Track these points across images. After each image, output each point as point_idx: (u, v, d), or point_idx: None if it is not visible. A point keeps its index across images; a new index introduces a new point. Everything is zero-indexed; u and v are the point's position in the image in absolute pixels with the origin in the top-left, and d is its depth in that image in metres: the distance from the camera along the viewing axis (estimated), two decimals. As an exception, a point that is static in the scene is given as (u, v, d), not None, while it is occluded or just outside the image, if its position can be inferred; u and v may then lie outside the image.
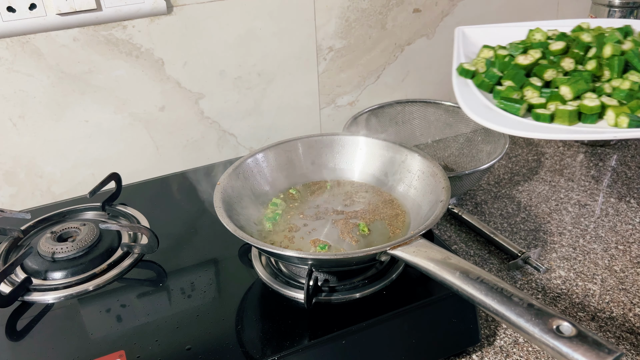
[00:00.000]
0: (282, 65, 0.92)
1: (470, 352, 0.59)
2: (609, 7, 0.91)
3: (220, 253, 0.66)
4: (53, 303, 0.59)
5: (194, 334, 0.53)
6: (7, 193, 0.83)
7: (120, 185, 0.77)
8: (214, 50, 0.86)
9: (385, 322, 0.54)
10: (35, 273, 0.62)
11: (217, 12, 0.83)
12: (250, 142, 0.97)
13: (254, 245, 0.53)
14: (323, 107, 1.00)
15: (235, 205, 0.63)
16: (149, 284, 0.62)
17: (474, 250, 0.76)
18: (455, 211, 0.82)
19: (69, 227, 0.68)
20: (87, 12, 0.74)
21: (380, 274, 0.60)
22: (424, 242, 0.51)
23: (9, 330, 0.56)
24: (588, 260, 0.72)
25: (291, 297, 0.57)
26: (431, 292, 0.57)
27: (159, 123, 0.88)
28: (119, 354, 0.51)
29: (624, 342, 0.60)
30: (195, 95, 0.88)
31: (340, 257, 0.52)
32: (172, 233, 0.70)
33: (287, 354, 0.50)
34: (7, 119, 0.78)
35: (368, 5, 0.93)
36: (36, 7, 0.71)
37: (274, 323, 0.54)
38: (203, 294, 0.59)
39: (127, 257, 0.65)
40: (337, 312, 0.55)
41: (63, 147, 0.83)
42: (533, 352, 0.58)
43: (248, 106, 0.93)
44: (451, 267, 0.45)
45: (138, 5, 0.77)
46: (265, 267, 0.62)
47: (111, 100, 0.83)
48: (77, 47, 0.77)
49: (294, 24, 0.90)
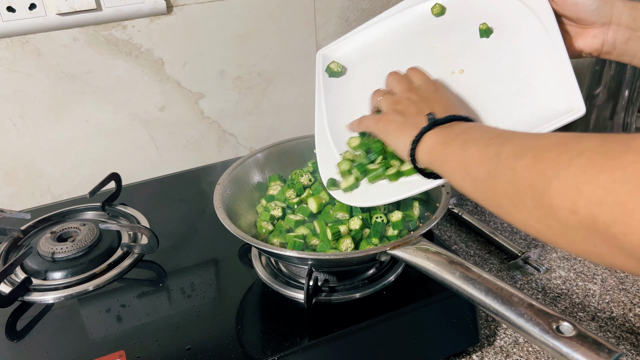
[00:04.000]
0: (282, 65, 0.92)
1: (470, 352, 0.59)
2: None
3: (220, 253, 0.66)
4: (53, 303, 0.59)
5: (194, 334, 0.53)
6: (7, 193, 0.83)
7: (120, 185, 0.77)
8: (214, 50, 0.86)
9: (385, 322, 0.54)
10: (35, 273, 0.62)
11: (217, 12, 0.83)
12: (250, 142, 0.97)
13: (254, 245, 0.53)
14: (323, 107, 1.00)
15: (235, 206, 0.63)
16: (149, 284, 0.62)
17: (474, 250, 0.76)
18: (455, 211, 0.82)
19: (68, 227, 0.68)
20: (87, 12, 0.74)
21: (380, 274, 0.60)
22: (424, 242, 0.51)
23: (9, 330, 0.56)
24: (588, 260, 0.72)
25: (291, 297, 0.57)
26: (431, 292, 0.57)
27: (159, 123, 0.88)
28: (119, 354, 0.51)
29: (624, 342, 0.60)
30: (195, 95, 0.88)
31: (340, 257, 0.52)
32: (172, 233, 0.70)
33: (287, 354, 0.50)
34: (7, 119, 0.78)
35: (368, 5, 0.93)
36: (36, 7, 0.71)
37: (274, 323, 0.54)
38: (203, 294, 0.59)
39: (127, 257, 0.65)
40: (337, 312, 0.55)
41: (63, 147, 0.83)
42: (533, 352, 0.58)
43: (248, 106, 0.93)
44: (451, 267, 0.45)
45: (138, 5, 0.77)
46: (265, 267, 0.62)
47: (111, 100, 0.83)
48: (77, 47, 0.77)
49: (294, 24, 0.90)
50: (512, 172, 0.35)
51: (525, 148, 0.35)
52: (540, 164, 0.33)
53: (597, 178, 0.28)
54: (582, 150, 0.30)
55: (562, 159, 0.31)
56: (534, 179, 0.33)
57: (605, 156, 0.29)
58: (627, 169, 0.27)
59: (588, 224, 0.29)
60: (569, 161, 0.30)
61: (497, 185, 0.37)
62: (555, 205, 0.31)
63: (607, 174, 0.28)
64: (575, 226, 0.30)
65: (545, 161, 0.32)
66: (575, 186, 0.29)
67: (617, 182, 0.27)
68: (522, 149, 0.35)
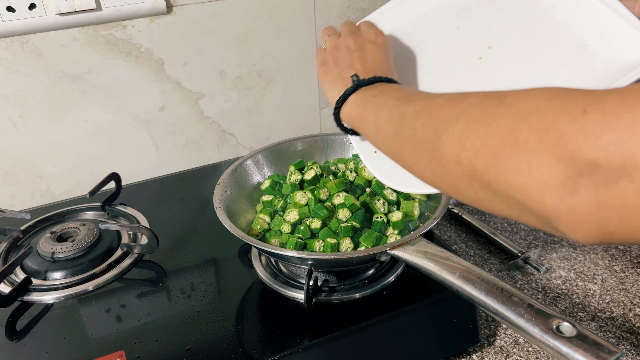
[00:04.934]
0: (282, 65, 0.92)
1: (470, 352, 0.59)
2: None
3: (220, 253, 0.66)
4: (53, 303, 0.59)
5: (194, 334, 0.53)
6: (7, 193, 0.83)
7: (120, 185, 0.77)
8: (214, 50, 0.86)
9: (385, 322, 0.54)
10: (35, 273, 0.62)
11: (217, 12, 0.83)
12: (250, 142, 0.97)
13: (254, 245, 0.53)
14: (323, 107, 1.00)
15: (235, 206, 0.63)
16: (148, 284, 0.62)
17: (474, 250, 0.76)
18: (455, 211, 0.82)
19: (68, 227, 0.68)
20: (86, 12, 0.74)
21: (380, 274, 0.60)
22: (424, 242, 0.51)
23: (9, 330, 0.56)
24: (588, 260, 0.72)
25: (291, 297, 0.57)
26: (431, 292, 0.57)
27: (158, 123, 0.88)
28: (119, 354, 0.51)
29: (624, 342, 0.60)
30: (195, 95, 0.88)
31: (340, 257, 0.52)
32: (172, 233, 0.70)
33: (287, 354, 0.50)
34: (7, 119, 0.78)
35: (368, 5, 0.93)
36: (36, 7, 0.71)
37: (274, 323, 0.54)
38: (203, 294, 0.59)
39: (126, 257, 0.65)
40: (337, 312, 0.55)
41: (63, 147, 0.83)
42: (533, 352, 0.58)
43: (248, 106, 0.93)
44: (451, 267, 0.45)
45: (138, 5, 0.77)
46: (265, 267, 0.61)
47: (111, 100, 0.83)
48: (76, 47, 0.77)
49: (294, 23, 0.90)
50: (411, 130, 0.38)
51: (423, 107, 0.38)
52: (434, 120, 0.36)
53: (477, 131, 0.31)
54: (467, 106, 0.33)
55: (450, 115, 0.34)
56: (427, 136, 0.36)
57: (484, 110, 0.32)
58: (499, 121, 0.30)
59: (469, 173, 0.32)
60: (457, 117, 0.33)
61: (400, 142, 0.40)
62: (444, 159, 0.34)
63: (484, 128, 0.31)
64: (460, 176, 0.33)
65: (437, 118, 0.35)
66: (460, 140, 0.32)
67: (491, 135, 0.30)
68: (420, 107, 0.38)
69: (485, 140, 0.30)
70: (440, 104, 0.36)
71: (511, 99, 0.30)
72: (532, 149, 0.27)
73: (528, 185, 0.28)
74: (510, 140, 0.29)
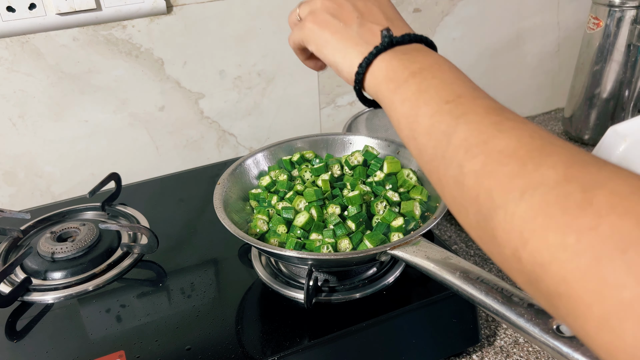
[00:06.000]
0: (282, 65, 0.92)
1: (470, 352, 0.59)
2: (609, 7, 0.91)
3: (220, 253, 0.66)
4: (53, 303, 0.59)
5: (194, 334, 0.53)
6: (6, 193, 0.83)
7: (120, 185, 0.77)
8: (214, 50, 0.86)
9: (385, 322, 0.54)
10: (35, 273, 0.62)
11: (217, 12, 0.83)
12: (250, 142, 0.97)
13: (254, 245, 0.53)
14: (323, 106, 1.00)
15: (235, 206, 0.63)
16: (148, 284, 0.62)
17: (474, 250, 0.76)
18: (455, 211, 0.82)
19: (68, 227, 0.68)
20: (86, 11, 0.74)
21: (380, 274, 0.60)
22: (424, 242, 0.51)
23: (9, 330, 0.56)
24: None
25: (291, 297, 0.57)
26: (431, 292, 0.57)
27: (158, 123, 0.88)
28: (119, 354, 0.51)
29: (624, 342, 0.60)
30: (195, 95, 0.88)
31: (340, 257, 0.52)
32: (172, 233, 0.70)
33: (287, 354, 0.50)
34: (7, 119, 0.78)
35: (368, 5, 0.93)
36: (36, 7, 0.71)
37: (274, 323, 0.54)
38: (203, 294, 0.59)
39: (126, 257, 0.65)
40: (337, 312, 0.55)
41: (63, 147, 0.83)
42: (533, 352, 0.58)
43: (248, 106, 0.93)
44: (451, 267, 0.45)
45: (138, 5, 0.77)
46: (265, 267, 0.61)
47: (111, 100, 0.83)
48: (76, 47, 0.77)
49: (293, 23, 0.90)
50: (458, 170, 0.29)
51: (479, 142, 0.28)
52: (490, 179, 0.26)
53: (546, 234, 0.23)
54: (539, 181, 0.24)
55: (514, 185, 0.25)
56: (480, 194, 0.27)
57: (561, 205, 0.23)
58: (581, 235, 0.22)
59: (529, 278, 0.24)
60: (521, 194, 0.25)
61: (442, 173, 0.30)
62: (498, 239, 0.26)
63: (557, 235, 0.22)
64: (516, 269, 0.25)
65: (495, 178, 0.26)
66: (520, 233, 0.24)
67: (566, 251, 0.22)
68: (476, 141, 0.28)
69: (555, 254, 0.22)
70: (503, 154, 0.26)
71: (601, 202, 0.21)
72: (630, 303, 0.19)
73: (612, 344, 0.20)
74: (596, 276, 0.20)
